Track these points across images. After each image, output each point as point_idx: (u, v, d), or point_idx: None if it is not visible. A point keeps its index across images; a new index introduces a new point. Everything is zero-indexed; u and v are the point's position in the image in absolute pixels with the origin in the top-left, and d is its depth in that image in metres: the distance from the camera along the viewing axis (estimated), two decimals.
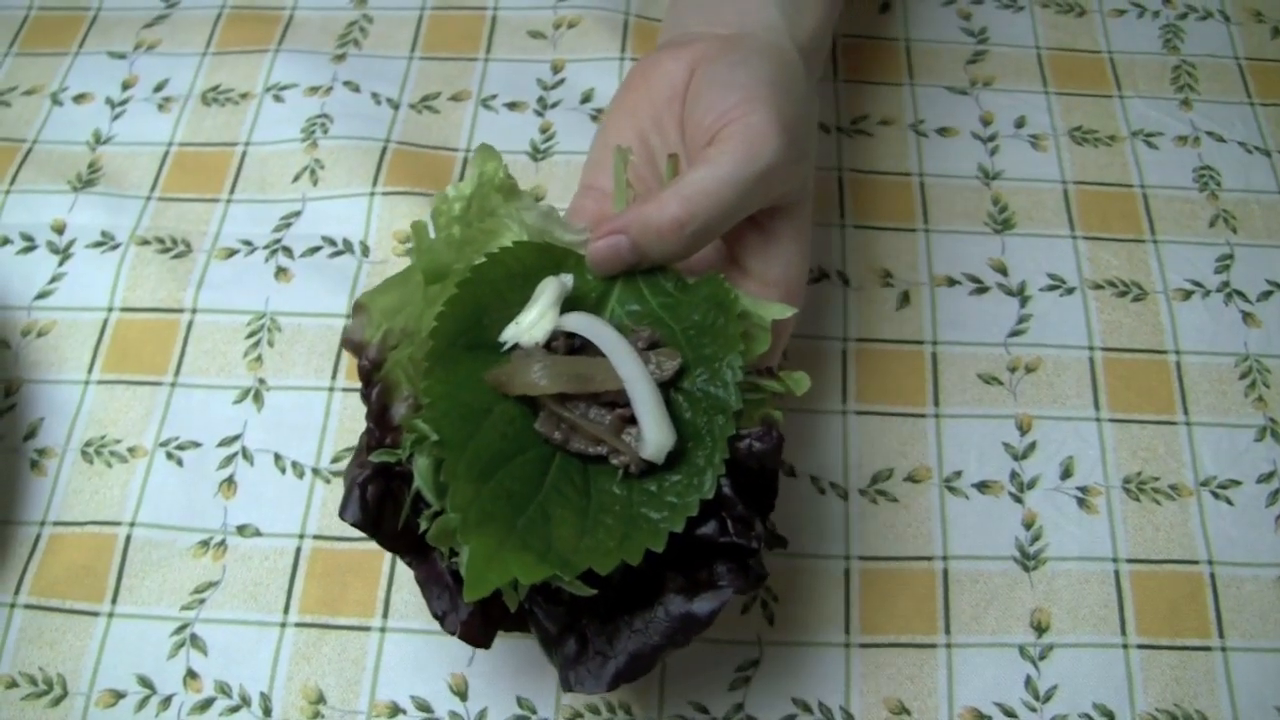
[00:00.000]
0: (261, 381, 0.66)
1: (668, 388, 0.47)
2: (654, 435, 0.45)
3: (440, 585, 0.48)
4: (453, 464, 0.44)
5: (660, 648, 0.45)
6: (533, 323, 0.47)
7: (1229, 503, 0.63)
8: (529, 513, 0.44)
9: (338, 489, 0.62)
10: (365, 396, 0.48)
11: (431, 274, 0.49)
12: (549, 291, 0.48)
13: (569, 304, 0.49)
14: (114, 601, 0.60)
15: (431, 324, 0.47)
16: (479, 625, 0.48)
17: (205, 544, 0.61)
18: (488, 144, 0.51)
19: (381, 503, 0.48)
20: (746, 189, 0.49)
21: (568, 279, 0.49)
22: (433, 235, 0.50)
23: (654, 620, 0.46)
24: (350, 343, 0.49)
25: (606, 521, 0.45)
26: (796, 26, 0.58)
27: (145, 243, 0.70)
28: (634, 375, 0.46)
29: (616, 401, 0.46)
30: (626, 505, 0.45)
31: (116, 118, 0.77)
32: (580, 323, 0.48)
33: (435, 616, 0.48)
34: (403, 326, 0.49)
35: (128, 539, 0.61)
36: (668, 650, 0.45)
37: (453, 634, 0.47)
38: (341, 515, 0.47)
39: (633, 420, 0.46)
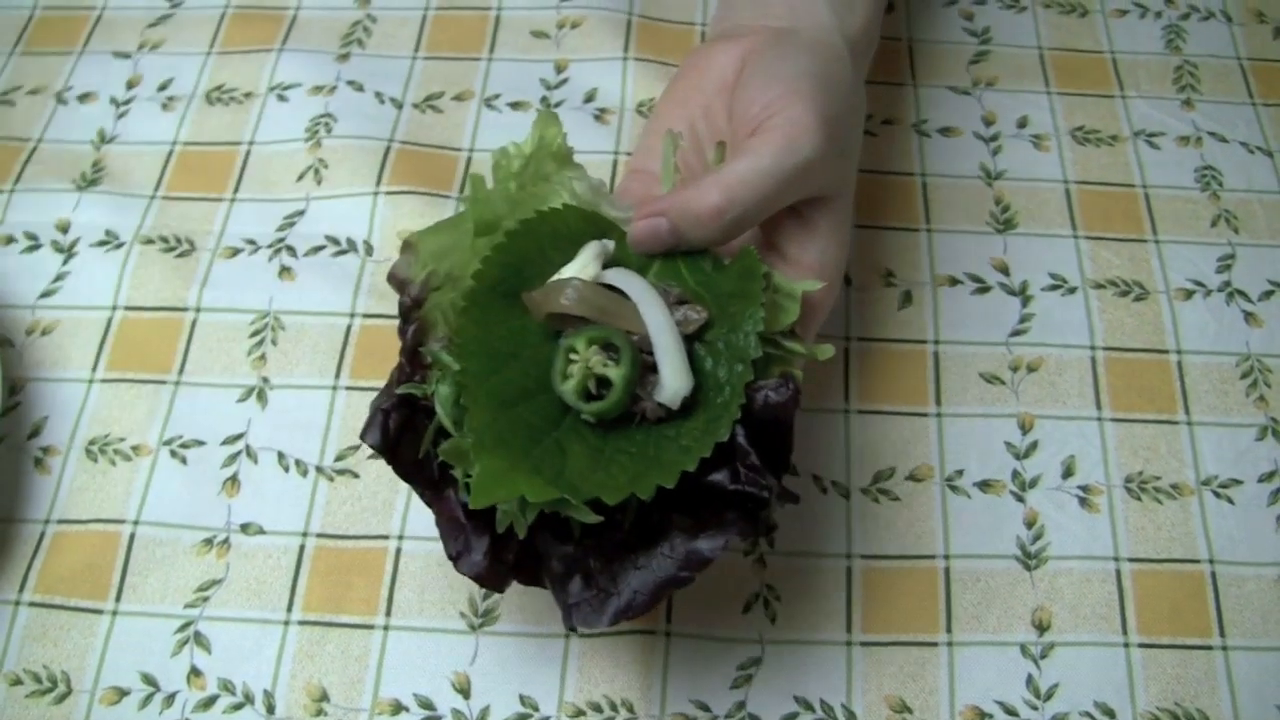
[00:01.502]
0: (265, 380, 0.66)
1: (692, 341, 0.48)
2: (672, 381, 0.46)
3: (455, 525, 0.48)
4: (474, 390, 0.45)
5: (663, 582, 0.46)
6: (574, 272, 0.49)
7: (1230, 502, 0.63)
8: (544, 444, 0.45)
9: (341, 487, 0.62)
10: (402, 333, 0.49)
11: (482, 225, 0.50)
12: (592, 248, 0.50)
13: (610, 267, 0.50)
14: (118, 599, 0.60)
15: (475, 267, 0.48)
16: (491, 567, 0.48)
17: (209, 542, 0.61)
18: (551, 110, 0.52)
19: (402, 432, 0.48)
20: (785, 180, 0.50)
21: (609, 243, 0.50)
22: (490, 187, 0.51)
23: (658, 556, 0.46)
24: (395, 278, 0.49)
25: (621, 460, 0.46)
26: (846, 23, 0.59)
27: (149, 242, 0.70)
28: (658, 321, 0.47)
29: (641, 348, 0.47)
30: (643, 447, 0.46)
31: (121, 117, 0.77)
32: (616, 275, 0.49)
33: (450, 558, 0.48)
34: (448, 270, 0.50)
35: (131, 537, 0.61)
36: (671, 586, 0.46)
37: (467, 575, 0.48)
38: (362, 437, 0.48)
39: (654, 368, 0.47)
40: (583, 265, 0.49)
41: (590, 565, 0.47)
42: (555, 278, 0.49)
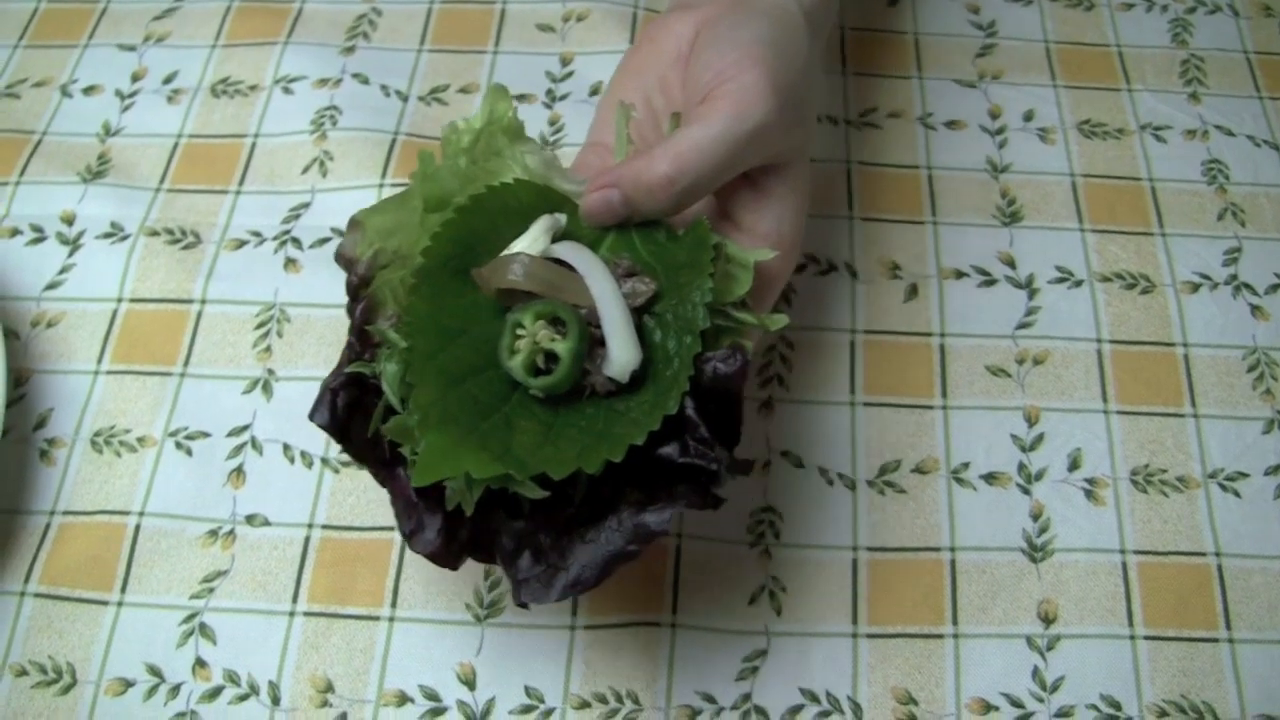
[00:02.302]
0: (270, 372, 0.66)
1: (641, 313, 0.48)
2: (619, 354, 0.46)
3: (409, 504, 0.48)
4: (420, 367, 0.45)
5: (612, 556, 0.45)
6: (524, 246, 0.48)
7: (1236, 495, 0.63)
8: (492, 420, 0.45)
9: (347, 479, 0.62)
10: (350, 311, 0.49)
11: (432, 201, 0.50)
12: (542, 222, 0.49)
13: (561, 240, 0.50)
14: (123, 590, 0.60)
15: (425, 244, 0.48)
16: (445, 544, 0.48)
17: (214, 533, 0.61)
18: (501, 85, 0.52)
19: (351, 411, 0.48)
20: (736, 148, 0.49)
21: (561, 217, 0.50)
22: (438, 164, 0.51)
23: (606, 530, 0.46)
24: (341, 257, 0.50)
25: (570, 434, 0.45)
26: None
27: (155, 234, 0.70)
28: (605, 295, 0.47)
29: (590, 322, 0.47)
30: (592, 421, 0.46)
31: (126, 109, 0.77)
32: (564, 249, 0.49)
33: (403, 535, 0.48)
34: (395, 248, 0.50)
35: (137, 528, 0.61)
36: (620, 561, 0.45)
37: (421, 553, 0.47)
38: (311, 417, 0.48)
39: (603, 342, 0.46)
40: (533, 239, 0.49)
41: (540, 541, 0.47)
42: (505, 253, 0.48)
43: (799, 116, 0.53)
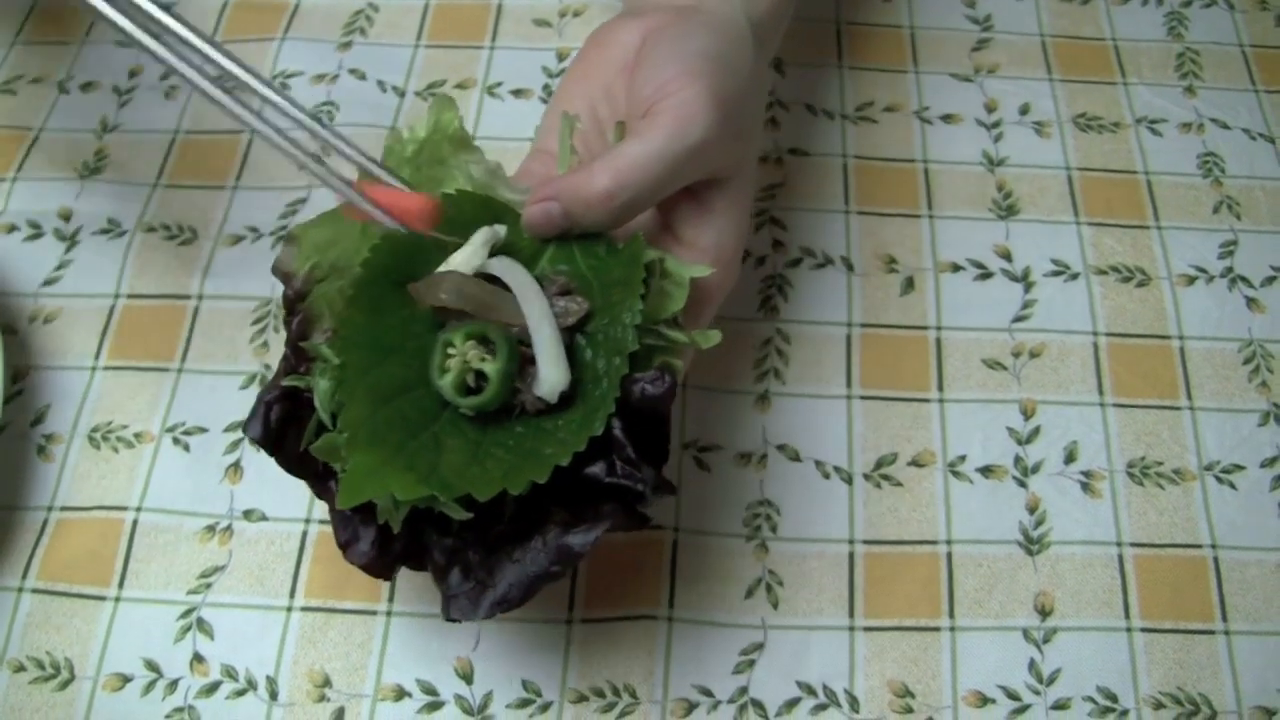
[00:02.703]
0: (267, 367, 0.66)
1: (573, 333, 0.48)
2: (548, 374, 0.46)
3: (344, 516, 0.48)
4: (351, 385, 0.45)
5: (536, 577, 0.46)
6: (462, 260, 0.48)
7: (1232, 487, 0.63)
8: (421, 439, 0.45)
9: None
10: (287, 324, 0.49)
11: None
12: (481, 234, 0.49)
13: (500, 253, 0.49)
14: (121, 586, 0.60)
15: (364, 255, 0.47)
16: (379, 556, 0.48)
17: (211, 529, 0.61)
18: (448, 96, 0.51)
19: (286, 425, 0.48)
20: (676, 164, 0.49)
21: (501, 229, 0.49)
22: None
23: (532, 551, 0.46)
24: (278, 270, 0.49)
25: (497, 454, 0.45)
26: (751, 3, 0.57)
27: (152, 230, 0.71)
28: (536, 315, 0.46)
29: (521, 341, 0.47)
30: (521, 440, 0.46)
31: (123, 106, 0.77)
32: (499, 265, 0.48)
33: (339, 545, 0.48)
34: (333, 261, 0.49)
35: (134, 524, 0.61)
36: (544, 581, 0.46)
37: (355, 564, 0.48)
38: (244, 431, 0.48)
39: (534, 361, 0.46)
40: (472, 253, 0.48)
41: (470, 557, 0.47)
42: (441, 268, 0.48)
43: (740, 130, 0.52)
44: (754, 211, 0.70)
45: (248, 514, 0.62)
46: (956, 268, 0.69)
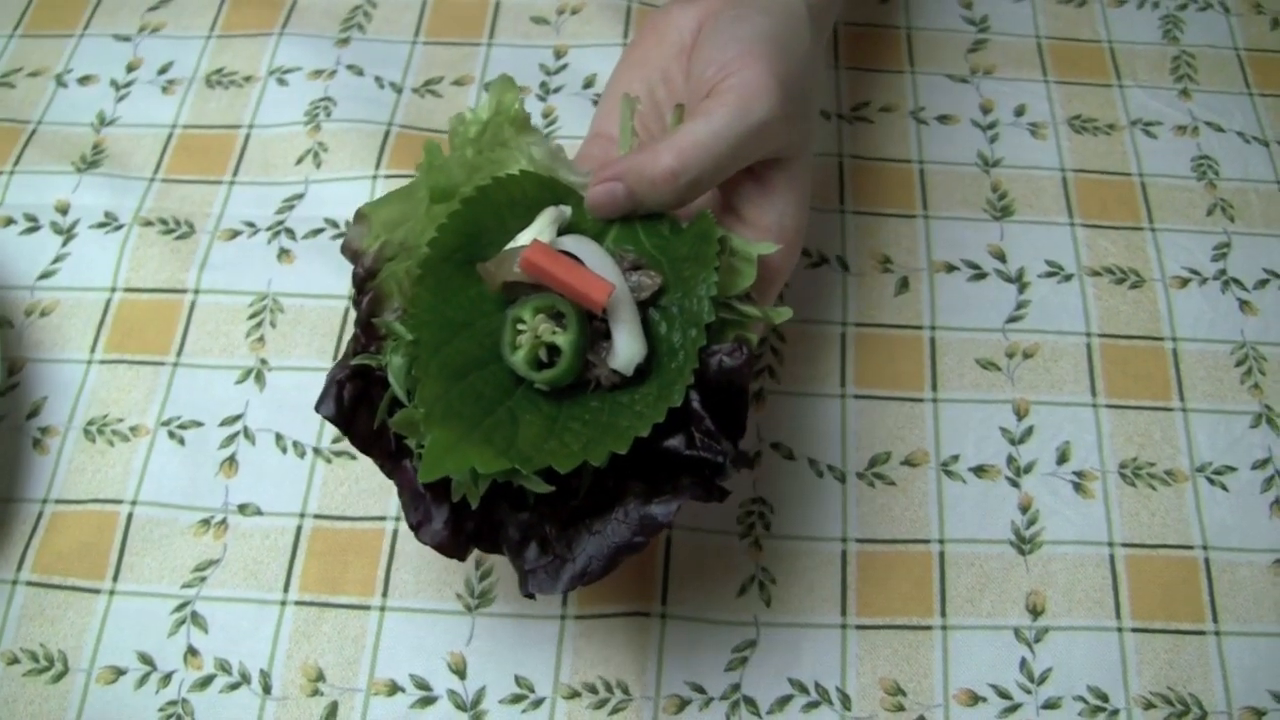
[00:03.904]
0: (263, 362, 0.66)
1: (646, 306, 0.48)
2: (624, 347, 0.46)
3: (415, 495, 0.48)
4: (425, 361, 0.45)
5: (619, 548, 0.46)
6: (530, 237, 0.48)
7: (1224, 488, 0.63)
8: (497, 414, 0.45)
9: (339, 469, 0.62)
10: (356, 303, 0.49)
11: (439, 192, 0.50)
12: (548, 214, 0.49)
13: (566, 233, 0.50)
14: (115, 579, 0.60)
15: (431, 235, 0.48)
16: (452, 536, 0.48)
17: (206, 522, 0.61)
18: (508, 75, 0.52)
19: (357, 403, 0.49)
20: (739, 143, 0.49)
21: (566, 209, 0.50)
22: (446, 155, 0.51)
23: (612, 522, 0.46)
24: (348, 249, 0.50)
25: (574, 428, 0.46)
26: None
27: (148, 224, 0.71)
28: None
29: (590, 315, 0.47)
30: (597, 414, 0.46)
31: (121, 99, 0.77)
32: (571, 241, 0.48)
33: (411, 527, 0.48)
34: (401, 240, 0.50)
35: (129, 517, 0.61)
36: (626, 552, 0.46)
37: (428, 544, 0.48)
38: (317, 409, 0.48)
39: (607, 335, 0.47)
40: (538, 232, 0.49)
41: (546, 532, 0.47)
42: (510, 245, 0.49)
43: (801, 111, 0.53)
44: None
45: (242, 508, 0.62)
46: (951, 268, 0.70)
